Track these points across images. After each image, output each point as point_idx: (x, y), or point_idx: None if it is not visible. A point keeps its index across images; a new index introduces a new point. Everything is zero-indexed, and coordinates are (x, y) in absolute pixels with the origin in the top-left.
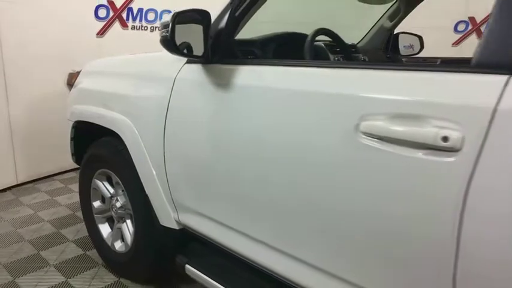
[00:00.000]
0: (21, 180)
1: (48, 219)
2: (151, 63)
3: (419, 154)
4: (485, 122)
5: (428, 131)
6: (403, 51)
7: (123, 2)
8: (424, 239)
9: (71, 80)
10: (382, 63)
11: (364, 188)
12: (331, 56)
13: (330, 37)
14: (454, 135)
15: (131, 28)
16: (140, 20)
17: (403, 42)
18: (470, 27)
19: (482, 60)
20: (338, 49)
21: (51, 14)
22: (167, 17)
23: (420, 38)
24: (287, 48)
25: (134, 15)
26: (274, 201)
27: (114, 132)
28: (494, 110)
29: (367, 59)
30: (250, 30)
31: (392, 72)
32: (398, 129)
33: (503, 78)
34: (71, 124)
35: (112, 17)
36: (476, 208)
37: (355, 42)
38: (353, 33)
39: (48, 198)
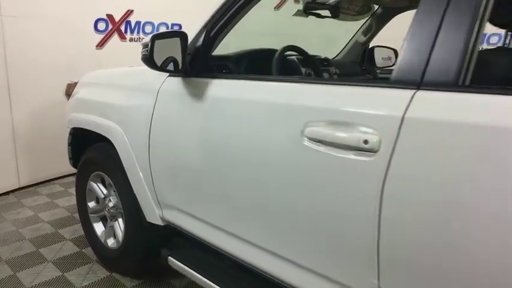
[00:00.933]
0: (23, 183)
1: (47, 220)
2: (140, 76)
3: (349, 154)
4: (396, 128)
5: (354, 136)
6: (381, 63)
7: (122, 15)
8: (355, 219)
9: (69, 90)
10: (324, 78)
11: (308, 181)
12: (303, 70)
13: (297, 53)
14: (372, 139)
15: (129, 40)
16: (138, 33)
17: (381, 54)
18: None
19: (397, 77)
20: (308, 63)
21: (53, 28)
22: (147, 38)
23: (395, 51)
24: (259, 63)
25: (132, 28)
26: (239, 199)
27: (107, 138)
28: (402, 118)
29: (338, 72)
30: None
31: (331, 86)
32: (333, 133)
33: (410, 92)
34: (68, 131)
35: (111, 30)
36: (391, 195)
37: (334, 56)
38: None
39: (48, 201)
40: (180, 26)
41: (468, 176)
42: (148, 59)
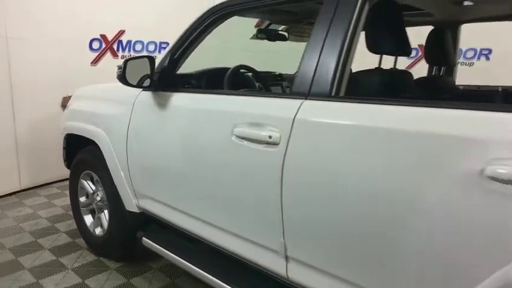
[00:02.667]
0: (24, 186)
1: (45, 216)
2: (121, 90)
3: (261, 147)
4: (289, 126)
5: (264, 133)
6: None
7: (114, 35)
8: (266, 193)
9: (64, 102)
10: (250, 91)
11: (236, 168)
12: (257, 84)
13: (248, 71)
14: (275, 135)
15: (121, 57)
16: (129, 51)
17: None
18: (420, 54)
19: (294, 90)
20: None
21: (52, 47)
22: (121, 62)
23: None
24: (215, 80)
25: (124, 46)
26: (191, 185)
27: (95, 142)
28: (294, 120)
29: (289, 85)
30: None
31: (254, 97)
32: (251, 132)
33: (300, 101)
34: (63, 136)
35: (104, 48)
36: (287, 174)
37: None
38: None
39: (46, 201)
40: (167, 43)
41: (339, 161)
42: (122, 77)
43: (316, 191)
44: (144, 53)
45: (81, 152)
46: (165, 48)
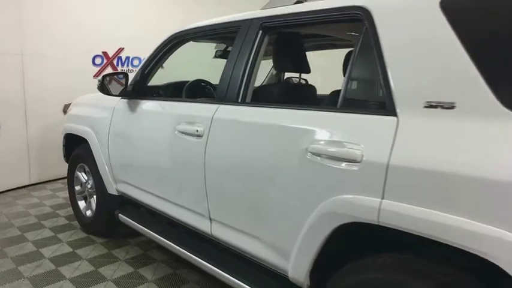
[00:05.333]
0: (33, 181)
1: (49, 205)
2: (106, 98)
3: (192, 138)
4: (209, 123)
5: (195, 128)
6: None
7: (114, 52)
8: (196, 173)
9: (65, 108)
10: (191, 99)
11: (179, 156)
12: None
13: (205, 83)
14: (200, 129)
15: (121, 71)
16: (127, 66)
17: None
18: None
19: (216, 97)
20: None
21: (61, 63)
22: (100, 76)
23: (306, 81)
24: (178, 90)
25: (123, 61)
26: (151, 172)
27: (87, 140)
28: (212, 118)
29: None
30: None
31: (192, 103)
32: (186, 128)
33: (217, 105)
34: (63, 136)
35: (105, 64)
36: (208, 159)
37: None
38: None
39: (51, 193)
40: None
41: (240, 146)
42: (100, 88)
43: (225, 169)
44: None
45: (77, 149)
46: None
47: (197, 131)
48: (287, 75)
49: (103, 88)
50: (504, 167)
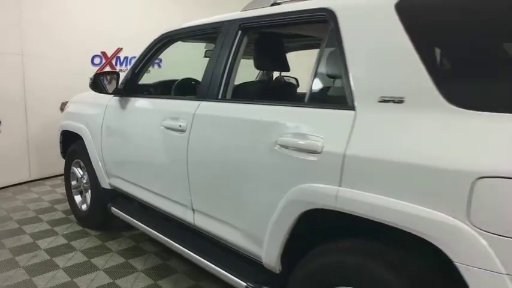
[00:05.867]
0: (33, 177)
1: (47, 200)
2: (99, 96)
3: (176, 133)
4: (191, 118)
5: (178, 123)
6: None
7: (113, 52)
8: (180, 165)
9: (62, 106)
10: (175, 96)
11: (163, 149)
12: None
13: (194, 82)
14: (183, 124)
15: (119, 71)
16: (126, 65)
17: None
18: None
19: (198, 95)
20: None
21: (60, 63)
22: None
23: (296, 79)
24: (167, 88)
25: (121, 61)
26: (140, 166)
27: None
28: (194, 114)
29: None
30: None
31: (176, 100)
32: (171, 123)
33: (199, 102)
34: (59, 133)
35: (104, 63)
36: (191, 151)
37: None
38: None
39: (50, 189)
40: (160, 59)
41: (218, 139)
42: (91, 86)
43: (206, 162)
44: None
45: (73, 145)
46: (157, 63)
47: (180, 126)
48: (278, 74)
49: (94, 86)
50: (446, 155)
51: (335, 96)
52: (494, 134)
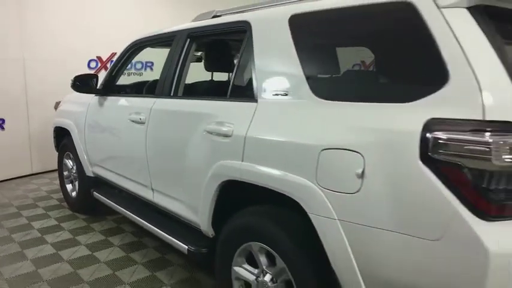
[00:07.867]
0: (35, 171)
1: (45, 190)
2: (84, 96)
3: (137, 125)
4: (149, 112)
5: (139, 116)
6: None
7: (108, 56)
8: (140, 152)
9: (56, 105)
10: (142, 95)
11: (130, 139)
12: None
13: None
14: (143, 117)
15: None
16: None
17: None
18: None
19: (155, 92)
20: None
21: (59, 66)
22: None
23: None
24: (140, 88)
25: None
26: (112, 154)
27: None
28: (151, 108)
29: None
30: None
31: (142, 98)
32: (134, 117)
33: (155, 99)
34: (53, 129)
35: (100, 67)
36: (149, 141)
37: None
38: None
39: (49, 181)
40: (152, 63)
41: (165, 129)
42: (73, 86)
43: (159, 148)
44: (132, 71)
45: (64, 139)
46: (150, 66)
47: (140, 119)
48: None
49: (76, 87)
50: (305, 134)
51: (246, 91)
52: (334, 116)
